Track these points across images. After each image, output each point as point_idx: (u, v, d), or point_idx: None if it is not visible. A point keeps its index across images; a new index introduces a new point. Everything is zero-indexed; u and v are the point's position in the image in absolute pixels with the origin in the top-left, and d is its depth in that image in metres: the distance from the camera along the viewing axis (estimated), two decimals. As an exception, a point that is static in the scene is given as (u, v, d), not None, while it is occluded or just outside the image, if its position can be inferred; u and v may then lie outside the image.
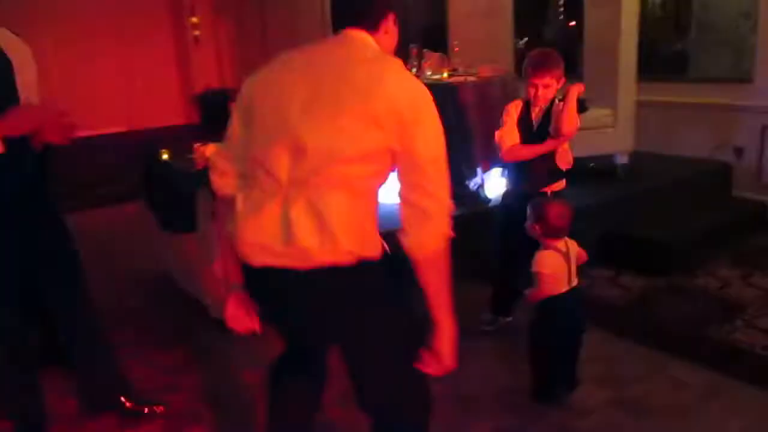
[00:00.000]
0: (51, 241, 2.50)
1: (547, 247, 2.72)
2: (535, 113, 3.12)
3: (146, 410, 2.79)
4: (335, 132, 1.50)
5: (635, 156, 5.01)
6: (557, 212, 2.69)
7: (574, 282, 2.75)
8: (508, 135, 3.12)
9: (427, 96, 1.57)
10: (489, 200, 4.45)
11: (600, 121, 4.80)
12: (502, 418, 2.73)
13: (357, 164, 1.52)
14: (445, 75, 4.47)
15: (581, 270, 2.85)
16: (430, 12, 7.20)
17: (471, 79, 4.41)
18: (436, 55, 4.57)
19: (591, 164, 5.12)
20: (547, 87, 3.00)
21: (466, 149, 4.29)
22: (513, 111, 3.15)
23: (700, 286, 3.93)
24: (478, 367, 3.12)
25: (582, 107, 4.77)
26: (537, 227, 2.72)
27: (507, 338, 3.37)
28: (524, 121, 3.13)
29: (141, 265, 4.61)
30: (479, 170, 4.36)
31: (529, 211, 2.78)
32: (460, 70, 4.72)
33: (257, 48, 10.56)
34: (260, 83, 1.65)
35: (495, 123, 3.25)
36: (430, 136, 1.56)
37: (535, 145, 3.09)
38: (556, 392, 2.82)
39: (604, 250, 4.30)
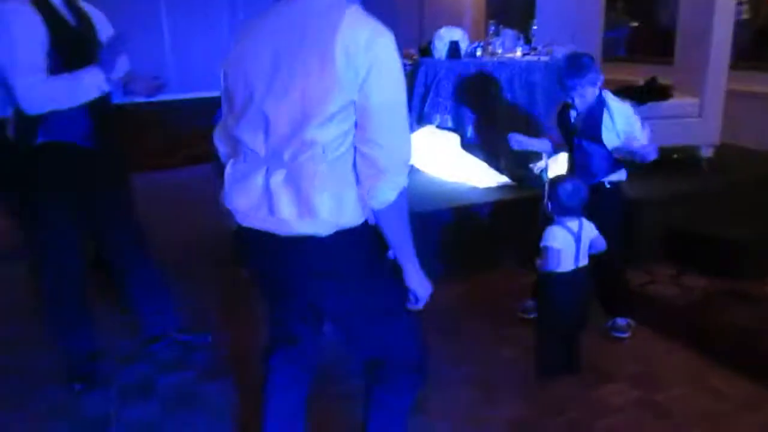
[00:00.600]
0: (112, 185, 2.76)
1: (558, 223, 2.79)
2: (574, 116, 3.09)
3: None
4: (297, 99, 1.50)
5: (724, 149, 4.69)
6: (568, 190, 2.75)
7: (582, 262, 2.81)
8: None
9: (385, 40, 1.49)
10: (553, 185, 4.33)
11: (685, 110, 4.52)
12: (520, 409, 2.69)
13: (326, 127, 1.50)
14: (518, 53, 4.34)
15: (641, 263, 3.06)
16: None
17: (543, 59, 4.27)
18: (512, 32, 4.45)
19: (674, 155, 4.86)
20: (582, 91, 2.97)
21: (531, 131, 4.17)
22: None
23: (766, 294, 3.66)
24: (507, 354, 3.09)
25: (666, 93, 4.54)
26: (549, 204, 2.80)
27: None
28: (563, 123, 3.15)
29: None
30: (544, 153, 4.23)
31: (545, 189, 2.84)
32: (539, 48, 4.57)
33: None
34: (232, 59, 1.65)
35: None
36: (385, 82, 1.49)
37: None
38: (556, 370, 2.86)
39: (671, 246, 4.09)
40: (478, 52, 4.31)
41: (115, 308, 3.29)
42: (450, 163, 4.38)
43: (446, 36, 4.32)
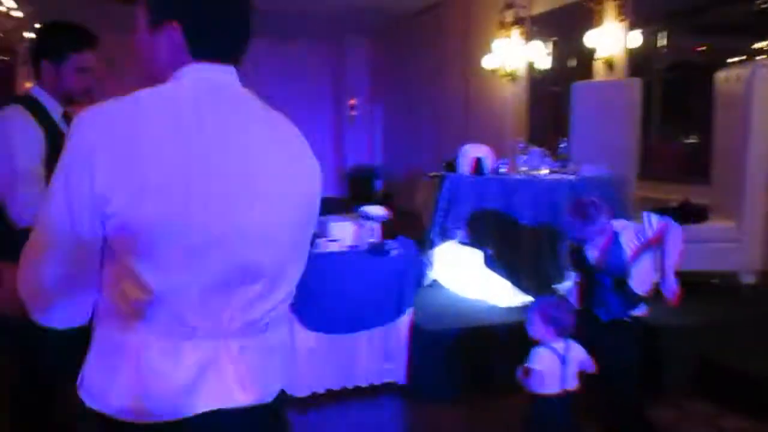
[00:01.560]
0: None
1: (543, 345, 2.71)
2: (592, 257, 2.97)
3: None
4: None
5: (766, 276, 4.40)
6: (567, 313, 2.72)
7: (571, 386, 2.69)
8: None
9: None
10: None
11: (722, 234, 4.31)
12: None
13: None
14: (544, 171, 4.27)
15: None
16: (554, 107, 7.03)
17: (570, 177, 4.18)
18: (538, 150, 4.41)
19: (714, 280, 4.59)
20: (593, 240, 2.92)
21: (558, 251, 4.03)
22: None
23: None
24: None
25: (702, 216, 4.35)
26: (542, 327, 2.72)
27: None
28: (579, 262, 3.03)
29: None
30: (568, 276, 4.07)
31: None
32: (568, 167, 4.50)
33: (402, 130, 10.96)
34: None
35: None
36: None
37: None
38: None
39: (707, 381, 3.76)
40: (502, 169, 4.26)
41: None
42: (472, 280, 4.25)
43: (471, 152, 4.31)
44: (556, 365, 2.68)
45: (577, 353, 2.74)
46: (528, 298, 4.05)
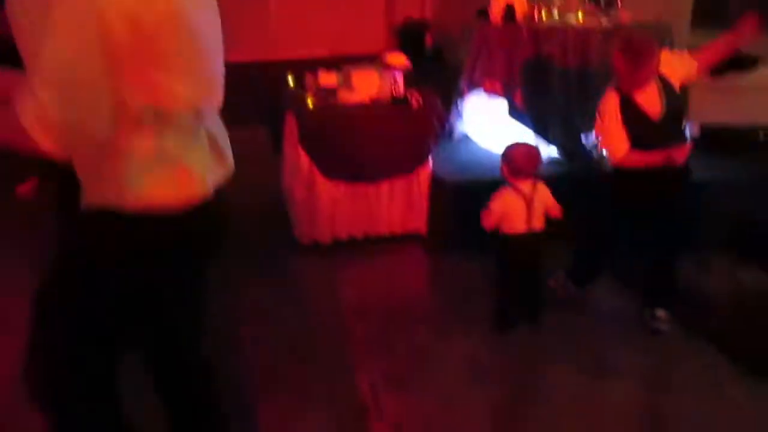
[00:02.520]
0: None
1: (509, 186, 2.85)
2: (646, 100, 2.71)
3: None
4: None
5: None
6: (520, 153, 2.86)
7: (536, 226, 2.85)
8: (617, 139, 2.76)
9: None
10: (606, 162, 3.99)
11: (772, 84, 4.02)
12: (500, 390, 2.55)
13: None
14: (579, 17, 4.00)
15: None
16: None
17: (605, 24, 3.91)
18: (574, -8, 4.10)
19: (762, 134, 4.35)
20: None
21: (585, 102, 3.85)
22: (612, 109, 2.76)
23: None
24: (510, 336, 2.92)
25: (749, 63, 4.05)
26: (503, 167, 2.87)
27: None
28: (633, 115, 2.73)
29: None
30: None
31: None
32: (603, 10, 4.16)
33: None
34: None
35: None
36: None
37: (653, 152, 2.72)
38: (509, 323, 2.95)
39: (736, 235, 3.67)
40: (536, 16, 4.01)
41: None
42: (498, 132, 4.16)
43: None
44: (519, 206, 2.80)
45: (544, 195, 2.86)
46: (553, 151, 3.96)
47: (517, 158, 2.83)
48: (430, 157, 3.79)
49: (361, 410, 2.44)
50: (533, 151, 2.90)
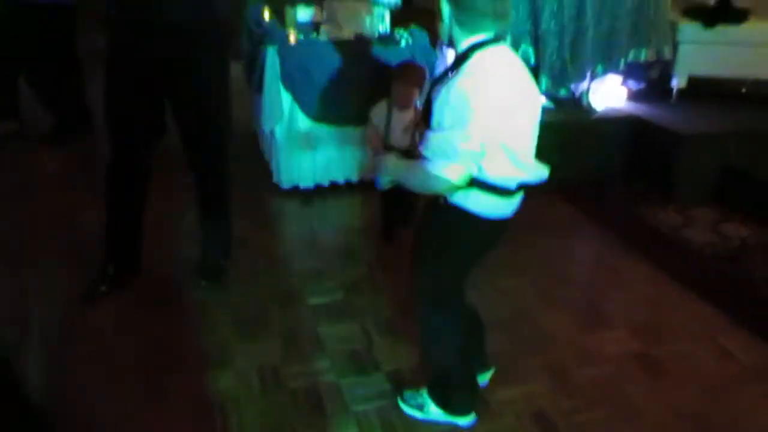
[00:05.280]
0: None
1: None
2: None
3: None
4: None
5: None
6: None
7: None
8: None
9: None
10: (594, 111, 3.94)
11: (762, 37, 3.99)
12: (498, 343, 2.50)
13: None
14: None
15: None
16: None
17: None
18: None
19: (743, 88, 4.36)
20: None
21: (575, 48, 3.75)
22: None
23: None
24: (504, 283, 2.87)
25: (741, 17, 4.00)
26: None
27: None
28: None
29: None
30: (587, 74, 3.83)
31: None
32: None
33: None
34: None
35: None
36: None
37: None
38: (391, 234, 3.21)
39: (720, 189, 3.69)
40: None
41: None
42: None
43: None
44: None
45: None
46: (541, 98, 3.87)
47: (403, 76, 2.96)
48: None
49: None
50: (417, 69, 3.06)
